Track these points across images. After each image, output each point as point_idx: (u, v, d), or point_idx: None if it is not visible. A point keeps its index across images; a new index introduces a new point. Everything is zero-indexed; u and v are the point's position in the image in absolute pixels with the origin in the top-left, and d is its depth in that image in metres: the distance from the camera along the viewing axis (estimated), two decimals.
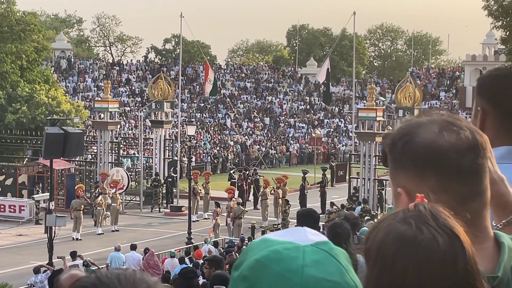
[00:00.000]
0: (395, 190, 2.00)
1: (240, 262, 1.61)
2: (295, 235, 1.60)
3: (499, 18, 39.77)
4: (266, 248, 1.58)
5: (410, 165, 1.97)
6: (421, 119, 2.02)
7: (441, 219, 1.70)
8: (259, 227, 34.10)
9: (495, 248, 2.02)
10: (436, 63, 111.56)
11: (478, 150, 1.98)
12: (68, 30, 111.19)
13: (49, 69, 57.69)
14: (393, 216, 1.74)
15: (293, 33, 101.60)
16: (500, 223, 2.25)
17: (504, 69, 2.74)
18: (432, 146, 1.94)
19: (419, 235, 1.67)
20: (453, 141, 1.95)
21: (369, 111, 38.53)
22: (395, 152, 2.00)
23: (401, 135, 2.00)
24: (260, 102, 79.49)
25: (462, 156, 1.94)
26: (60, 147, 24.08)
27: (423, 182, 1.94)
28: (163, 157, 44.23)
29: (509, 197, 2.23)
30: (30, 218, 37.43)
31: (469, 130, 1.99)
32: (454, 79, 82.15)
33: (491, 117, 2.70)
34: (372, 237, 1.72)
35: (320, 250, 1.56)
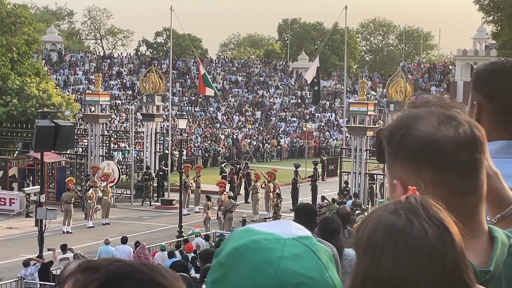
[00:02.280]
0: (391, 182, 2.00)
1: (220, 250, 1.60)
2: (278, 228, 1.58)
3: (490, 12, 39.87)
4: (246, 237, 1.56)
5: (407, 157, 1.96)
6: (420, 111, 2.01)
7: (432, 211, 1.69)
8: (250, 220, 34.07)
9: (488, 242, 2.02)
10: (427, 57, 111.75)
11: (476, 145, 1.97)
12: (59, 23, 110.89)
13: (40, 61, 57.50)
14: (384, 207, 1.73)
15: (284, 27, 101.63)
16: (495, 217, 2.25)
17: (500, 63, 2.74)
18: (429, 140, 1.93)
19: (408, 226, 1.66)
20: (451, 135, 1.94)
21: (360, 105, 38.55)
22: (392, 144, 2.00)
23: (399, 127, 1.99)
24: (251, 96, 79.48)
25: (460, 150, 1.94)
26: (50, 140, 23.99)
27: (419, 175, 1.93)
28: (154, 151, 44.17)
29: (503, 192, 2.24)
30: (21, 211, 37.35)
31: (467, 125, 1.98)
32: (445, 73, 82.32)
33: (487, 111, 2.70)
34: (363, 227, 1.71)
35: (301, 245, 1.54)
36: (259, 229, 1.58)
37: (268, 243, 1.53)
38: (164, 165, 43.23)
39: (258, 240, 1.54)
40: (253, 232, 1.57)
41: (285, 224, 1.59)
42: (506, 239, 2.04)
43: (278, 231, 1.56)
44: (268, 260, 1.51)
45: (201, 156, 59.31)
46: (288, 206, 39.26)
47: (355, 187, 37.56)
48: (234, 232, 1.63)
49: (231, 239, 1.60)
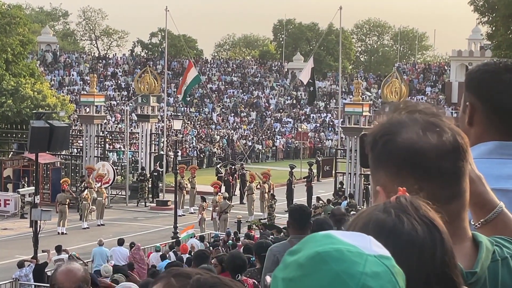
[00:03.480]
0: (374, 188, 2.01)
1: (298, 249, 1.58)
2: (360, 241, 1.56)
3: (485, 13, 39.91)
4: (329, 244, 1.54)
5: (390, 164, 1.97)
6: (403, 118, 2.01)
7: (422, 210, 1.71)
8: (245, 221, 34.10)
9: (472, 247, 2.04)
10: (422, 58, 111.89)
11: (459, 152, 1.98)
12: (54, 24, 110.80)
13: (35, 62, 57.39)
14: (375, 206, 1.75)
15: (279, 27, 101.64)
16: (479, 222, 2.26)
17: (492, 64, 2.74)
18: (412, 147, 1.94)
19: (398, 223, 1.68)
20: (434, 142, 1.95)
21: (355, 106, 38.59)
22: (376, 150, 2.00)
23: (383, 134, 1.99)
24: (247, 97, 79.47)
25: (442, 158, 1.95)
26: (45, 141, 23.96)
27: (402, 182, 1.94)
28: (149, 151, 44.13)
29: (487, 196, 2.24)
30: (15, 212, 37.28)
31: (450, 132, 1.99)
32: (440, 74, 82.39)
33: (480, 112, 2.70)
34: (354, 224, 1.73)
35: (382, 264, 1.53)
36: (341, 238, 1.56)
37: (351, 255, 1.52)
38: (159, 166, 43.20)
39: (341, 250, 1.53)
40: (336, 240, 1.55)
41: (366, 238, 1.58)
42: (490, 245, 2.06)
43: (360, 245, 1.55)
44: (350, 272, 1.50)
45: (196, 157, 59.28)
46: (283, 207, 39.25)
47: (350, 188, 37.58)
48: (316, 235, 1.61)
49: (312, 242, 1.58)
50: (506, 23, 38.76)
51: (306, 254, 1.55)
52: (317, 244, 1.55)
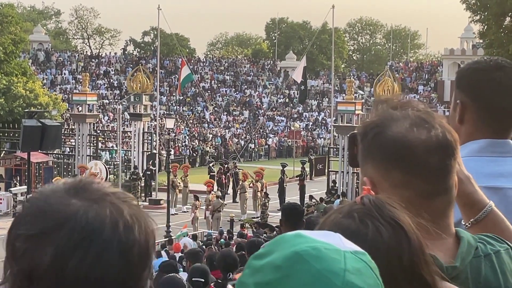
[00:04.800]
0: (362, 178, 2.03)
1: (268, 251, 1.52)
2: (331, 238, 1.54)
3: (477, 12, 39.96)
4: (304, 243, 1.50)
5: (378, 157, 1.99)
6: (395, 113, 2.02)
7: (386, 211, 1.70)
8: (238, 220, 34.08)
9: (455, 243, 2.05)
10: (414, 57, 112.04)
11: (447, 149, 2.00)
12: (46, 22, 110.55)
13: (27, 61, 57.31)
14: (339, 210, 1.74)
15: (272, 26, 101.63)
16: (469, 221, 2.26)
17: (483, 62, 2.75)
18: (401, 141, 1.96)
19: (362, 228, 1.67)
20: (423, 138, 1.97)
21: (348, 104, 38.62)
22: (365, 142, 2.03)
23: (373, 126, 2.02)
24: (239, 95, 79.46)
25: (430, 154, 1.96)
26: (37, 140, 23.95)
27: (388, 175, 1.96)
28: (142, 150, 44.08)
29: (476, 196, 2.25)
30: (8, 211, 37.18)
31: (440, 129, 2.00)
32: (433, 73, 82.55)
33: (470, 110, 2.71)
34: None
35: (360, 260, 1.51)
36: (314, 237, 1.52)
37: (329, 252, 1.49)
38: (152, 164, 43.16)
39: (319, 248, 1.49)
40: (309, 239, 1.52)
41: (335, 235, 1.56)
42: (473, 241, 2.07)
43: (333, 242, 1.52)
44: (332, 270, 1.47)
45: (189, 155, 59.24)
46: (275, 205, 39.27)
47: (343, 186, 37.61)
48: (286, 236, 1.56)
49: (284, 243, 1.53)
50: (498, 22, 38.85)
51: (283, 255, 1.49)
52: (291, 244, 1.51)
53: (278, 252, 1.50)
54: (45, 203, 1.55)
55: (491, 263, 2.05)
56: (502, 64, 2.72)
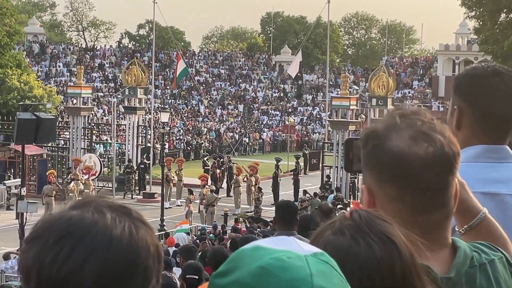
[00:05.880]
0: (361, 184, 2.05)
1: (230, 269, 1.52)
2: (289, 244, 1.53)
3: (472, 8, 39.99)
4: (265, 256, 1.50)
5: (375, 168, 2.00)
6: (399, 122, 2.02)
7: (376, 226, 1.70)
8: (232, 214, 34.10)
9: (451, 254, 2.05)
10: (409, 52, 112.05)
11: (444, 165, 1.99)
12: (41, 14, 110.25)
13: (21, 53, 57.16)
14: (331, 226, 1.74)
15: (267, 20, 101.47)
16: (463, 228, 2.27)
17: (481, 68, 2.75)
18: (397, 156, 1.96)
19: (354, 246, 1.68)
20: (421, 153, 1.96)
21: (343, 99, 38.63)
22: (366, 151, 2.03)
23: (374, 136, 2.02)
24: (234, 89, 79.41)
25: (426, 170, 1.96)
26: (32, 133, 23.86)
27: (384, 188, 1.97)
28: (136, 144, 44.04)
29: (470, 202, 2.26)
30: (1, 204, 37.16)
31: (440, 143, 1.99)
32: (427, 68, 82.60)
33: (468, 116, 2.71)
34: None
35: (321, 261, 1.51)
36: (273, 247, 1.52)
37: (292, 260, 1.48)
38: (146, 158, 43.12)
39: (281, 258, 1.48)
40: (269, 250, 1.51)
41: (290, 240, 1.56)
42: (468, 251, 2.07)
43: (292, 248, 1.52)
44: (299, 278, 1.47)
45: (183, 149, 59.21)
46: (269, 200, 39.28)
47: (337, 181, 37.65)
48: (244, 251, 1.55)
49: (244, 258, 1.52)
50: (493, 18, 38.89)
51: (248, 271, 1.49)
52: (253, 259, 1.51)
53: (242, 269, 1.50)
54: (49, 216, 1.58)
55: (486, 273, 2.06)
56: (500, 70, 2.72)
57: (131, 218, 1.58)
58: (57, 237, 1.50)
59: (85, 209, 1.56)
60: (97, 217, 1.54)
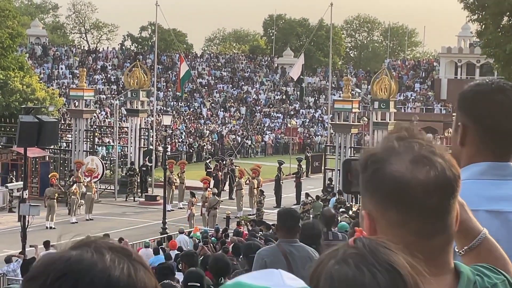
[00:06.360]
0: (361, 210, 2.02)
1: None
2: (272, 279, 1.52)
3: (474, 11, 39.93)
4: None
5: (375, 193, 1.96)
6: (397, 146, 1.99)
7: (381, 255, 1.69)
8: (234, 217, 34.09)
9: (454, 279, 2.03)
10: (412, 54, 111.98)
11: (446, 189, 1.97)
12: (43, 16, 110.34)
13: (24, 55, 57.16)
14: (334, 254, 1.73)
15: (269, 22, 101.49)
16: (463, 249, 2.25)
17: (485, 85, 2.73)
18: (399, 181, 1.93)
19: (358, 276, 1.66)
20: (422, 178, 1.93)
21: (345, 102, 38.60)
22: (365, 175, 2.00)
23: (374, 160, 1.98)
24: (236, 92, 79.39)
25: (428, 195, 1.93)
26: (34, 136, 23.84)
27: (385, 213, 1.94)
28: (138, 146, 44.04)
29: (470, 223, 2.24)
30: (4, 206, 37.15)
31: (440, 166, 1.96)
32: (430, 71, 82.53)
33: (472, 132, 2.69)
34: (315, 279, 1.71)
35: None
36: (253, 283, 1.52)
37: None
38: (148, 160, 43.12)
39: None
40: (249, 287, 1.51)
41: (276, 273, 1.54)
42: (471, 275, 2.06)
43: (273, 284, 1.51)
44: None
45: (186, 151, 59.20)
46: (271, 202, 39.28)
47: (339, 184, 37.57)
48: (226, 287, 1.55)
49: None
50: (496, 21, 38.83)
51: None
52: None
53: None
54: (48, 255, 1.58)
55: None
56: (504, 86, 2.70)
57: (130, 260, 1.57)
58: (56, 277, 1.50)
59: (85, 249, 1.55)
60: (96, 258, 1.53)
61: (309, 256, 6.94)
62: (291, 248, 6.91)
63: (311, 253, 7.00)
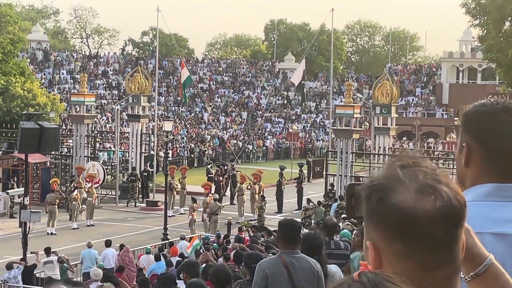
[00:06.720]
0: (365, 241, 1.98)
1: None
2: None
3: (476, 16, 39.99)
4: None
5: (380, 223, 1.93)
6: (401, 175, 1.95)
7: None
8: (235, 222, 34.02)
9: None
10: (413, 59, 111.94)
11: (453, 219, 1.93)
12: (45, 21, 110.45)
13: (25, 61, 57.19)
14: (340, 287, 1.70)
15: (271, 27, 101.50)
16: (469, 275, 2.21)
17: (489, 105, 2.69)
18: (404, 212, 1.89)
19: None
20: (428, 208, 1.90)
21: (347, 108, 38.55)
22: (369, 205, 1.96)
23: (378, 189, 1.94)
24: (238, 97, 79.40)
25: (435, 226, 1.90)
26: (35, 142, 23.80)
27: (391, 245, 1.91)
28: (140, 151, 44.03)
29: (475, 249, 2.20)
30: (5, 212, 37.13)
31: (446, 196, 1.92)
32: (431, 75, 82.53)
33: (477, 153, 2.65)
34: None
35: None
36: None
37: None
38: (149, 166, 43.09)
39: None
40: None
41: None
42: None
43: None
44: None
45: (187, 157, 59.18)
46: (273, 208, 39.23)
47: (341, 190, 37.54)
48: None
49: None
50: (498, 26, 38.87)
51: None
52: None
53: None
54: None
55: None
56: (509, 107, 2.66)
57: None
58: None
59: None
60: None
61: (310, 267, 6.91)
62: (292, 259, 6.87)
63: (313, 264, 6.96)
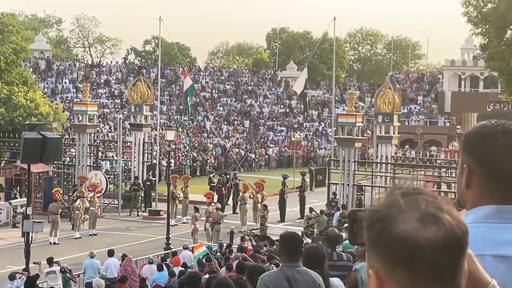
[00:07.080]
0: (368, 269, 1.98)
1: None
2: None
3: (478, 25, 39.99)
4: None
5: (383, 252, 1.94)
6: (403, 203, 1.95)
7: None
8: (238, 232, 34.02)
9: None
10: (415, 67, 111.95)
11: (455, 248, 1.94)
12: (47, 31, 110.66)
13: (28, 70, 57.24)
14: None
15: (273, 36, 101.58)
16: None
17: (490, 127, 2.69)
18: (407, 241, 1.90)
19: None
20: (430, 236, 1.90)
21: (349, 116, 38.55)
22: (371, 235, 1.97)
23: (380, 219, 1.95)
24: (240, 105, 79.42)
25: (437, 254, 1.91)
26: (38, 152, 23.80)
27: (393, 274, 1.91)
28: (142, 160, 44.04)
29: (479, 275, 2.20)
30: (7, 222, 37.14)
31: (449, 224, 1.93)
32: (433, 83, 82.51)
33: (477, 174, 2.64)
34: None
35: None
36: None
37: None
38: (151, 175, 43.08)
39: None
40: None
41: None
42: None
43: None
44: None
45: (189, 165, 59.17)
46: (275, 217, 39.20)
47: (343, 199, 37.52)
48: None
49: None
50: (499, 35, 38.89)
51: None
52: None
53: None
54: None
55: None
56: (510, 128, 2.65)
57: None
58: None
59: None
60: None
61: (312, 281, 6.89)
62: (294, 272, 6.85)
63: (314, 277, 6.95)
